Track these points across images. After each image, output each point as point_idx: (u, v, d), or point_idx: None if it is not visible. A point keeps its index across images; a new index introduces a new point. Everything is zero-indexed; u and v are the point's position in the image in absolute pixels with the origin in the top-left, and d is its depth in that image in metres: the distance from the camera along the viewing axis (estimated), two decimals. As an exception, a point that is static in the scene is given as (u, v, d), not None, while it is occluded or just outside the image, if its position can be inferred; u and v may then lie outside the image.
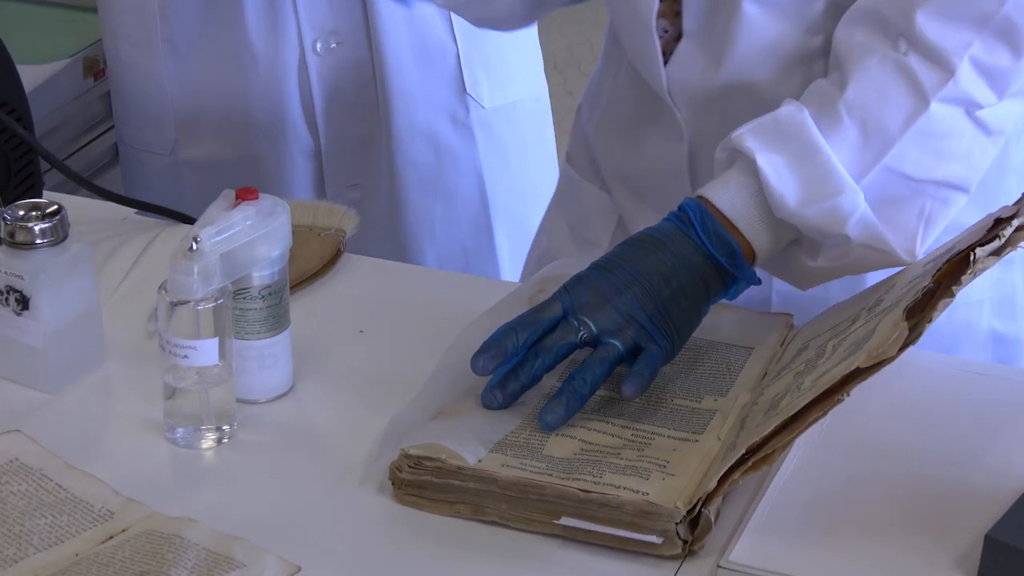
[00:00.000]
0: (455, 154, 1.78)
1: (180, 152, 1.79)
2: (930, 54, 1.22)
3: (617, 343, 1.19)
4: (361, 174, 1.79)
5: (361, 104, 1.76)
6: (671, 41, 1.35)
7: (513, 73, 1.84)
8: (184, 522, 1.10)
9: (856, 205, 1.23)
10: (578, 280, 1.22)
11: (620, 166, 1.46)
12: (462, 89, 1.78)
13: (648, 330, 1.20)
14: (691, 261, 1.22)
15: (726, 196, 1.24)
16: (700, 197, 1.25)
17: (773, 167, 1.23)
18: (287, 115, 1.75)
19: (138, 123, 1.82)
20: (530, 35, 1.85)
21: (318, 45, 1.72)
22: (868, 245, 1.24)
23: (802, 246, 1.27)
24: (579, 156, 1.55)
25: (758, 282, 1.26)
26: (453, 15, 1.74)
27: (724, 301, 1.27)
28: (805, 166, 1.23)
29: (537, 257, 1.57)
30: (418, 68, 1.75)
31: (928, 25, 1.22)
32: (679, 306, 1.21)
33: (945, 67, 1.22)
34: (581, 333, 1.20)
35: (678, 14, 1.34)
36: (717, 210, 1.24)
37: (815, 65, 1.31)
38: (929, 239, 1.25)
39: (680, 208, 1.25)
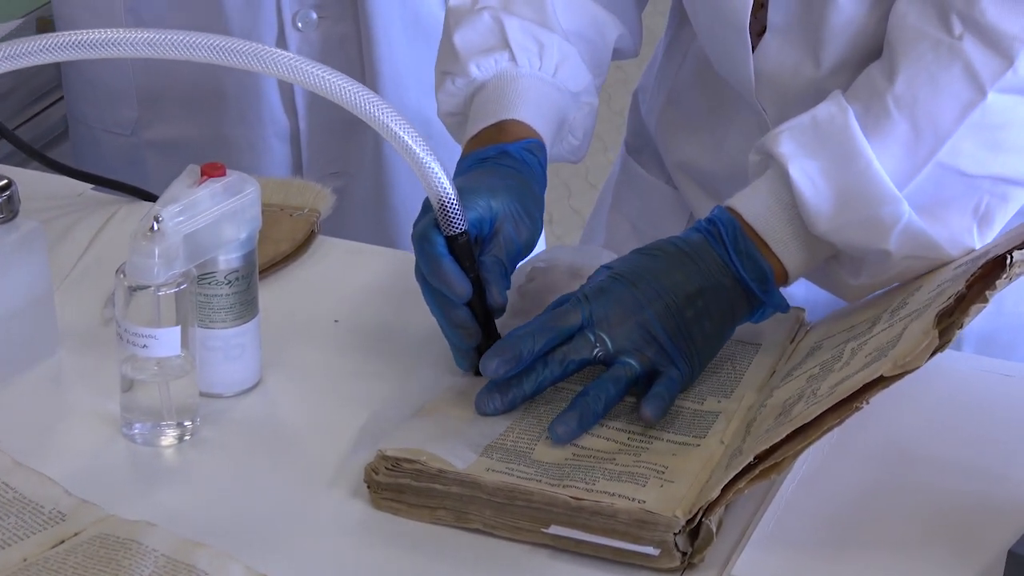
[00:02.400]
0: (447, 140, 1.72)
1: (141, 133, 1.73)
2: (989, 39, 1.18)
3: (634, 363, 1.16)
4: (343, 161, 1.74)
5: None
6: (755, 36, 1.31)
7: None
8: (142, 526, 1.07)
9: (898, 215, 1.19)
10: (600, 291, 1.18)
11: (690, 163, 1.43)
12: None
13: (668, 352, 1.17)
14: (720, 283, 1.19)
15: (757, 209, 1.20)
16: (730, 209, 1.21)
17: (807, 176, 1.19)
18: (262, 95, 1.70)
19: (94, 99, 1.76)
20: None
21: (299, 18, 1.66)
22: (914, 256, 1.20)
23: (842, 263, 1.23)
24: (640, 147, 1.51)
25: (786, 309, 1.22)
26: None
27: None
28: (843, 173, 1.19)
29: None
30: (408, 45, 1.69)
31: (991, 7, 1.18)
32: (703, 329, 1.18)
33: (1004, 54, 1.18)
34: (596, 350, 1.17)
35: (763, 6, 1.29)
36: (747, 224, 1.20)
37: None
38: (987, 238, 1.21)
39: (710, 221, 1.21)
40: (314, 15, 1.66)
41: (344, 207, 1.46)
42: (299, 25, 1.66)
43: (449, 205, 1.15)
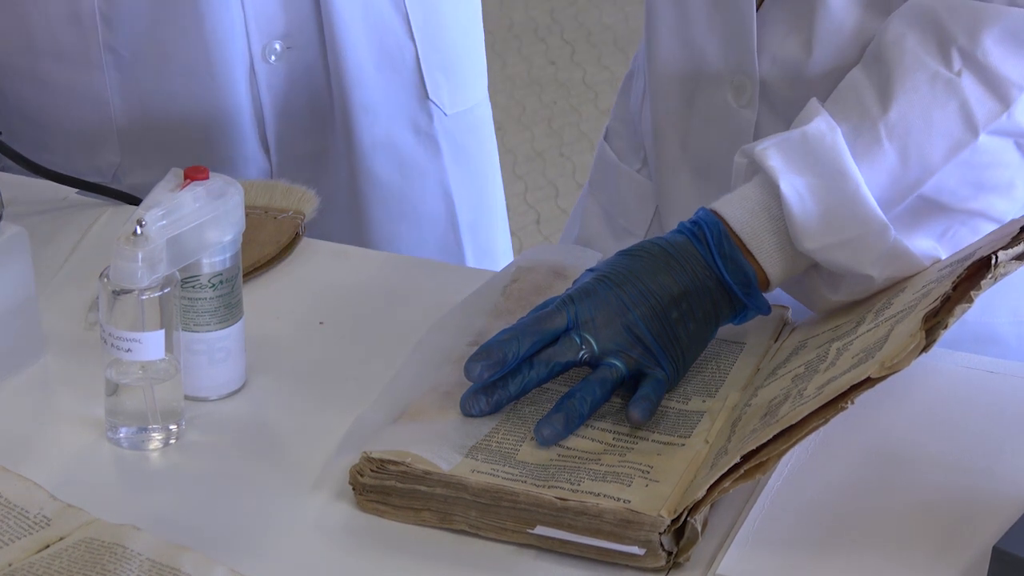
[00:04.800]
0: (420, 168, 1.69)
1: (124, 178, 1.65)
2: (988, 80, 1.18)
3: (620, 364, 1.16)
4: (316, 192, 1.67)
5: (314, 116, 1.66)
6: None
7: (468, 74, 1.75)
8: (127, 530, 1.07)
9: (884, 240, 1.18)
10: (585, 293, 1.18)
11: (662, 146, 1.40)
12: (423, 95, 1.69)
13: (654, 353, 1.17)
14: (704, 285, 1.19)
15: (744, 217, 1.20)
16: (715, 212, 1.21)
17: (797, 193, 1.18)
18: (240, 133, 1.64)
19: (69, 149, 1.66)
20: (477, 28, 1.76)
21: (269, 50, 1.61)
22: (894, 277, 1.20)
23: (822, 276, 1.23)
24: (620, 134, 1.50)
25: (768, 311, 1.22)
26: (409, 10, 1.65)
27: None
28: (831, 193, 1.18)
29: (570, 243, 1.52)
30: (377, 71, 1.64)
31: (994, 49, 1.17)
32: (687, 331, 1.18)
33: (1002, 98, 1.18)
34: (582, 352, 1.16)
35: None
36: (732, 230, 1.20)
37: None
38: (948, 252, 1.21)
39: (695, 223, 1.21)
40: (281, 45, 1.61)
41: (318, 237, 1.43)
42: (268, 56, 1.60)
43: None
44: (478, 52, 1.76)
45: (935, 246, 1.20)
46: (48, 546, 1.06)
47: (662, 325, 1.17)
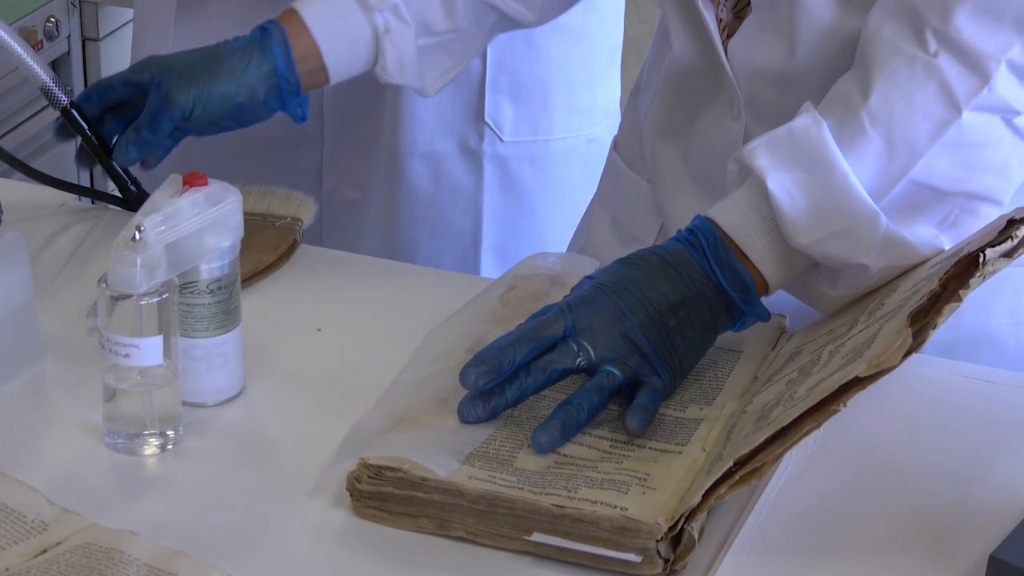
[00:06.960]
0: (455, 182, 1.69)
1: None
2: (964, 57, 1.17)
3: (617, 372, 1.16)
4: (361, 175, 1.70)
5: (366, 112, 1.67)
6: (745, 8, 1.30)
7: (548, 107, 1.73)
8: (124, 535, 1.07)
9: (876, 229, 1.18)
10: (583, 301, 1.18)
11: (664, 159, 1.41)
12: (479, 114, 1.69)
13: (652, 362, 1.17)
14: (702, 293, 1.19)
15: (736, 220, 1.20)
16: (710, 219, 1.21)
17: (785, 190, 1.19)
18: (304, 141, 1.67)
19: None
20: (575, 67, 1.73)
21: None
22: (891, 266, 1.20)
23: (821, 273, 1.23)
24: (628, 144, 1.51)
25: (767, 318, 1.22)
26: None
27: None
28: (820, 187, 1.18)
29: (577, 251, 1.52)
30: None
31: (967, 25, 1.17)
32: (685, 339, 1.18)
33: (980, 73, 1.17)
34: (579, 360, 1.16)
35: None
36: (727, 235, 1.20)
37: None
38: (952, 242, 1.20)
39: (691, 231, 1.21)
40: None
41: (360, 217, 1.41)
42: None
43: (46, 88, 1.39)
44: (577, 90, 1.73)
45: (936, 234, 1.20)
46: (45, 551, 1.06)
47: (660, 333, 1.17)
